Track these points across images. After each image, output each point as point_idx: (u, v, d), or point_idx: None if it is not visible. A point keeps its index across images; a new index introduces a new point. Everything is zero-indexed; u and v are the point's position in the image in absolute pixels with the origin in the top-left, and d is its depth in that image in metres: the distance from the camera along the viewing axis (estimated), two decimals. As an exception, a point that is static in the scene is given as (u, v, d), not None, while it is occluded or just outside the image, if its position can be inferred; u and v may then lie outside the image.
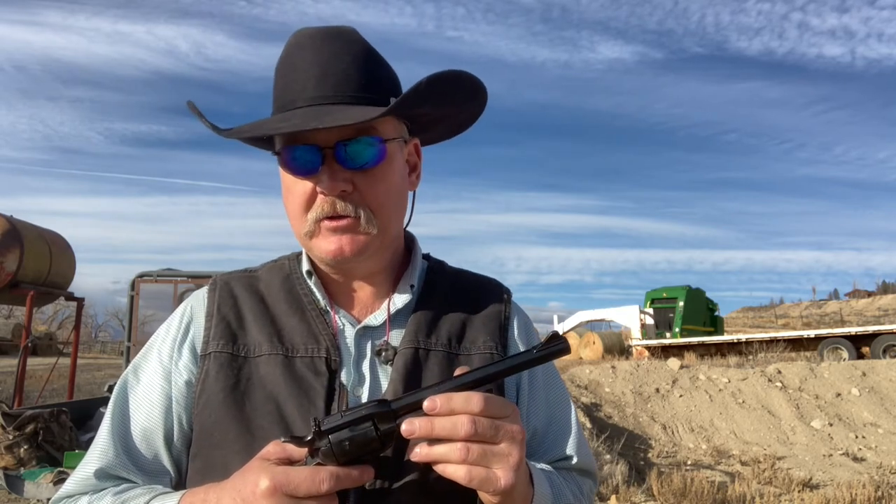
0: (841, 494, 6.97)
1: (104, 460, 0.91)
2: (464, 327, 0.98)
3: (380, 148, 0.90)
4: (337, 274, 0.99)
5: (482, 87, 0.93)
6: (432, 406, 0.72)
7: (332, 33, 0.92)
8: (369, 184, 0.90)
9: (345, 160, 0.88)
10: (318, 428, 0.73)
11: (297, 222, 0.93)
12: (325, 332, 0.94)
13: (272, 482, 0.69)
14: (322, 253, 0.92)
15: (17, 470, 5.30)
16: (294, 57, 0.91)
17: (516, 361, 0.78)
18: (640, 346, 22.70)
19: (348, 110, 0.86)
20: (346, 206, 0.89)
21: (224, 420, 0.88)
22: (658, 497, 6.91)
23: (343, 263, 0.94)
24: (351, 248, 0.91)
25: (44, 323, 39.95)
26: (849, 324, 39.99)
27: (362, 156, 0.88)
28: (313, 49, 0.90)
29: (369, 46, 0.94)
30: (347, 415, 0.74)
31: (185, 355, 0.95)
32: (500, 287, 1.08)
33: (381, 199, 0.92)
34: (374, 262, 0.97)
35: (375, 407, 0.74)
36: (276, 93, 0.93)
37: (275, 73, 0.94)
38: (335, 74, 0.89)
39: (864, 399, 11.25)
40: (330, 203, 0.89)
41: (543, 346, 0.77)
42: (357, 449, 0.73)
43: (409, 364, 0.92)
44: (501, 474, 0.73)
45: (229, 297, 0.99)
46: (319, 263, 0.98)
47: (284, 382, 0.89)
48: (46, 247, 8.99)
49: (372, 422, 0.73)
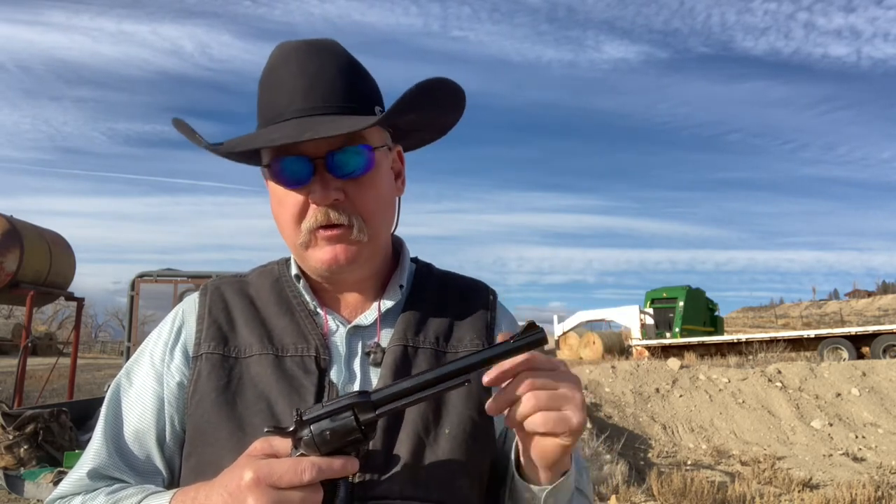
0: (841, 494, 6.97)
1: (97, 461, 0.92)
2: (451, 326, 1.00)
3: (368, 156, 0.91)
4: (327, 282, 1.00)
5: (462, 94, 0.96)
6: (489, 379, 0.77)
7: (317, 46, 0.93)
8: (360, 192, 0.92)
9: (335, 169, 0.89)
10: (300, 418, 0.74)
11: (290, 233, 0.94)
12: (314, 332, 0.95)
13: (255, 474, 0.71)
14: (317, 262, 0.94)
15: (17, 470, 5.31)
16: (279, 70, 0.92)
17: (495, 352, 0.78)
18: (640, 346, 22.72)
19: (338, 120, 0.88)
20: (339, 214, 0.91)
21: (217, 419, 0.89)
22: (658, 497, 6.91)
23: (338, 272, 0.96)
24: (345, 256, 0.93)
25: (44, 323, 39.97)
26: (849, 324, 39.99)
27: (352, 164, 0.90)
28: (298, 62, 0.91)
29: (352, 58, 0.96)
30: (328, 405, 0.75)
31: (176, 357, 0.96)
32: (486, 288, 1.10)
33: (372, 207, 0.94)
34: (364, 269, 0.99)
35: (355, 397, 0.76)
36: (261, 106, 0.94)
37: (259, 86, 0.95)
38: (322, 86, 0.90)
39: (864, 399, 11.25)
40: (323, 212, 0.90)
41: (521, 336, 0.78)
42: (338, 439, 0.74)
43: (398, 361, 0.94)
44: (572, 413, 0.77)
45: (220, 300, 1.01)
46: (312, 274, 1.00)
47: (275, 381, 0.90)
48: (46, 247, 9.00)
49: (352, 411, 0.75)
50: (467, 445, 0.90)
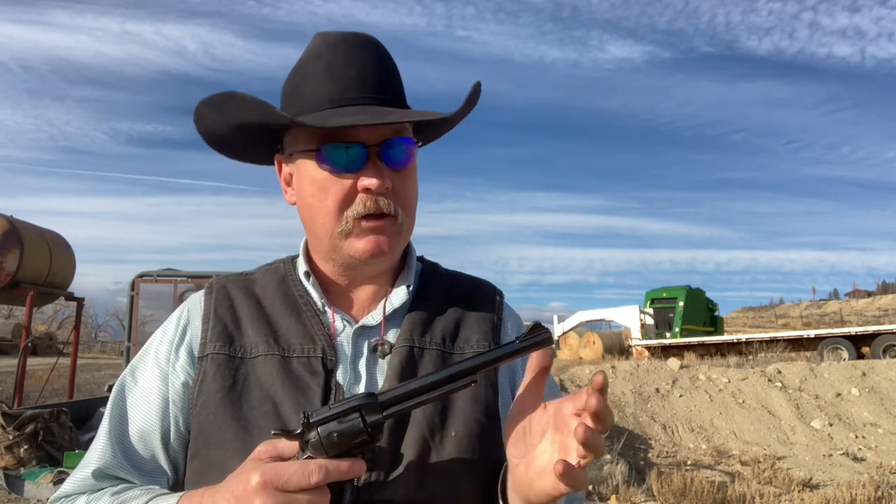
0: (841, 494, 6.97)
1: (102, 461, 0.92)
2: (458, 327, 1.00)
3: (410, 149, 0.95)
4: (344, 276, 0.99)
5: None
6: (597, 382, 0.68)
7: (364, 40, 0.96)
8: (403, 183, 0.94)
9: (389, 159, 0.92)
10: (307, 420, 0.74)
11: (329, 221, 0.92)
12: (320, 332, 0.95)
13: (262, 477, 0.70)
14: (357, 252, 0.93)
15: (17, 470, 5.31)
16: (325, 58, 0.93)
17: (500, 353, 0.78)
18: (640, 346, 22.71)
19: (399, 111, 0.92)
20: (388, 203, 0.92)
21: (222, 420, 0.89)
22: (658, 497, 6.91)
23: (373, 263, 0.96)
24: (389, 245, 0.93)
25: (44, 323, 39.97)
26: (849, 324, 40.03)
27: (401, 156, 0.93)
28: (352, 53, 0.93)
29: (390, 53, 0.99)
30: (335, 407, 0.75)
31: (182, 357, 0.96)
32: (492, 289, 1.09)
33: (412, 199, 0.97)
34: (390, 260, 1.00)
35: (363, 399, 0.75)
36: (303, 91, 0.93)
37: (297, 73, 0.95)
38: (379, 77, 0.93)
39: (864, 399, 11.26)
40: (373, 200, 0.91)
41: (526, 337, 0.78)
42: (345, 441, 0.74)
43: (404, 362, 0.93)
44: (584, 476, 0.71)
45: (225, 299, 1.00)
46: (345, 263, 0.97)
47: (281, 382, 0.90)
48: (46, 247, 9.00)
49: (359, 413, 0.74)
50: (473, 448, 0.89)
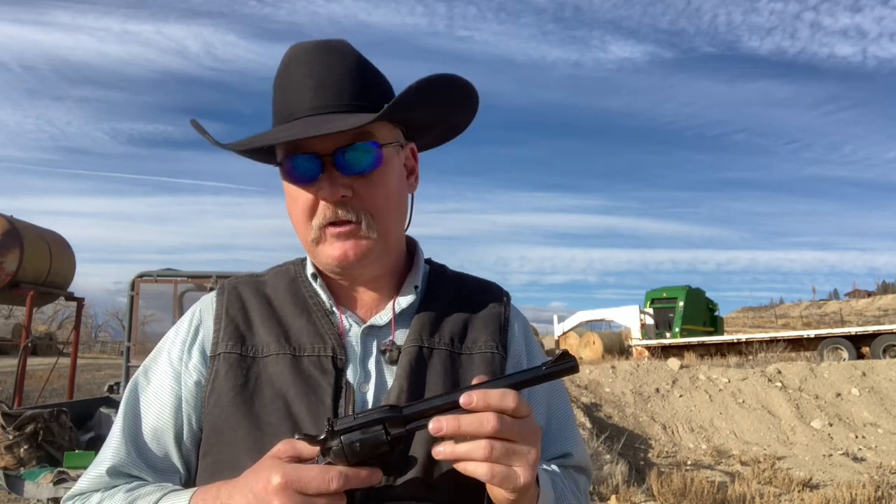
0: (841, 494, 6.97)
1: (116, 459, 0.93)
2: (465, 327, 1.01)
3: (377, 153, 0.93)
4: (342, 279, 1.01)
5: (474, 91, 0.96)
6: (468, 401, 0.74)
7: (326, 46, 0.95)
8: (368, 189, 0.93)
9: (344, 166, 0.91)
10: (332, 428, 0.75)
11: (302, 230, 0.96)
12: (330, 332, 0.96)
13: (283, 478, 0.71)
14: (327, 259, 0.95)
15: (17, 470, 5.30)
16: (291, 70, 0.94)
17: (525, 377, 0.79)
18: (640, 346, 22.70)
19: (346, 118, 0.89)
20: (346, 211, 0.92)
21: (234, 418, 0.90)
22: (658, 497, 6.91)
23: (348, 269, 0.97)
24: (354, 252, 0.94)
25: (44, 323, 39.99)
26: (849, 324, 40.02)
27: (360, 161, 0.92)
28: (308, 62, 0.93)
29: (362, 57, 0.97)
30: (360, 417, 0.76)
31: (194, 357, 0.97)
32: (499, 290, 1.11)
33: (381, 204, 0.95)
34: (377, 266, 1.00)
35: (387, 412, 0.77)
36: (275, 106, 0.96)
37: (273, 87, 0.97)
38: (331, 85, 0.92)
39: (864, 399, 11.26)
40: (331, 209, 0.92)
41: (553, 364, 0.79)
42: (367, 451, 0.75)
43: (413, 362, 0.94)
44: (521, 472, 0.74)
45: (237, 300, 1.02)
46: (325, 270, 1.01)
47: (292, 381, 0.91)
48: (46, 247, 9.00)
49: (383, 426, 0.76)
50: None
